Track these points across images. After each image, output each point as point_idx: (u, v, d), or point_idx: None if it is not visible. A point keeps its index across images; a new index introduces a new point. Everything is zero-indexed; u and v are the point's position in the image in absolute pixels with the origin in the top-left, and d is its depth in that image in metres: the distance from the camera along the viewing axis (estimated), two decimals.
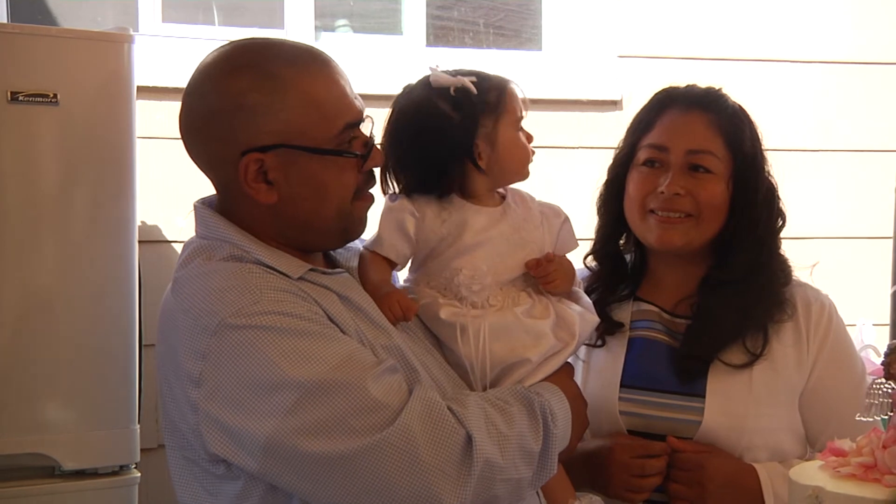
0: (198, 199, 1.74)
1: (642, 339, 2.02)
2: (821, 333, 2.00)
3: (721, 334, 1.95)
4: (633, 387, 1.99)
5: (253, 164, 1.61)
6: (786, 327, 1.98)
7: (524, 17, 3.62)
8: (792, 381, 1.97)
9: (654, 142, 1.98)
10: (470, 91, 1.78)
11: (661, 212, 1.96)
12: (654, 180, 1.96)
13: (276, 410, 1.50)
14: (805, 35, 3.64)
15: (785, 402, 1.97)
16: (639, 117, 2.05)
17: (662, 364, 1.99)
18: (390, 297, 1.72)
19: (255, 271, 1.60)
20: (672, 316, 2.03)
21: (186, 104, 1.67)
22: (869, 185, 3.59)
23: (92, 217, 2.40)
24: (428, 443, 1.53)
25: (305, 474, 1.52)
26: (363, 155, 1.67)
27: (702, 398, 1.94)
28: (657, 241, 1.98)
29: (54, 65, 2.34)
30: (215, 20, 3.31)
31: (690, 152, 1.96)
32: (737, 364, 1.94)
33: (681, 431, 1.95)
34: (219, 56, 1.66)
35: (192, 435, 1.58)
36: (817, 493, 1.53)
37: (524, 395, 1.69)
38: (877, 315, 3.31)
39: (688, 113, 1.99)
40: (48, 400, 2.37)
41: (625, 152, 2.05)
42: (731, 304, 1.96)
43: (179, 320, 1.59)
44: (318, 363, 1.52)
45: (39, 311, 2.36)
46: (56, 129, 2.36)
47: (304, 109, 1.61)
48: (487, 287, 1.77)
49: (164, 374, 1.64)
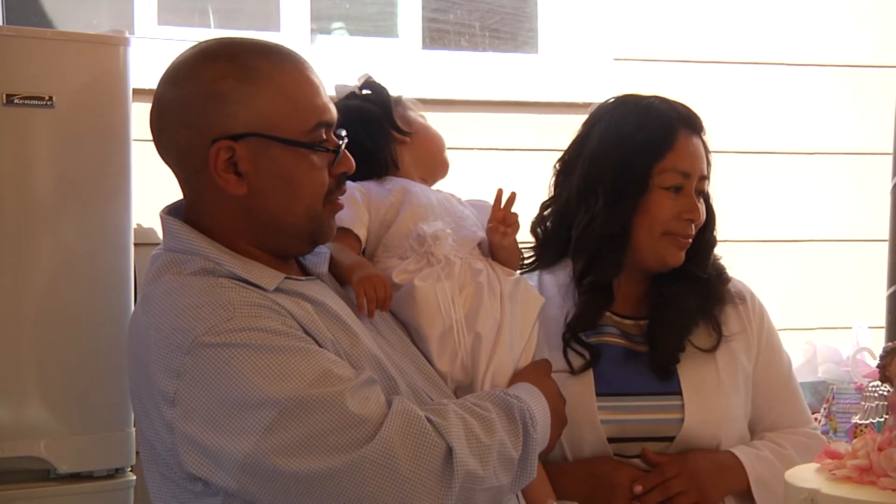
0: (163, 208, 1.72)
1: (602, 344, 2.04)
2: (757, 320, 2.11)
3: (690, 317, 2.03)
4: (607, 394, 2.00)
5: (224, 153, 1.59)
6: (730, 315, 2.08)
7: (520, 20, 3.62)
8: (745, 367, 2.06)
9: (681, 167, 2.00)
10: (374, 81, 1.98)
11: (684, 237, 2.02)
12: (677, 205, 2.00)
13: (253, 429, 1.48)
14: (801, 38, 3.64)
15: (743, 390, 2.05)
16: (647, 135, 2.00)
17: (629, 368, 2.02)
18: (368, 281, 1.71)
19: (227, 286, 1.58)
20: (625, 318, 2.07)
21: (159, 93, 1.66)
22: (864, 188, 3.60)
23: (87, 220, 2.39)
24: (408, 457, 1.52)
25: (285, 492, 1.51)
26: (334, 150, 1.65)
27: (678, 395, 1.99)
28: (673, 262, 2.03)
29: (50, 67, 2.34)
30: (211, 23, 3.30)
31: (701, 178, 2.04)
32: (706, 347, 2.02)
33: (661, 431, 1.99)
34: (195, 48, 1.67)
35: (167, 454, 1.56)
36: (813, 496, 1.54)
37: (503, 400, 1.68)
38: (872, 318, 3.31)
39: (694, 136, 2.04)
40: (42, 403, 2.36)
41: (640, 174, 1.99)
42: (692, 291, 2.05)
43: (151, 337, 1.56)
44: (294, 380, 1.50)
45: (34, 313, 2.35)
46: (52, 132, 2.35)
47: (278, 101, 1.60)
48: (448, 235, 1.79)
49: (136, 390, 1.62)
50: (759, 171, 3.55)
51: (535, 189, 1.95)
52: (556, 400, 1.80)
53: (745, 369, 2.06)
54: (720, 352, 2.04)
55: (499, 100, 3.33)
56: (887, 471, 1.55)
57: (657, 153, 1.99)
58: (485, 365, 1.78)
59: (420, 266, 1.78)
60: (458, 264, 1.80)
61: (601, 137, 2.04)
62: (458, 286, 1.79)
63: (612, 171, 2.00)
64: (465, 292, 1.80)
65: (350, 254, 1.79)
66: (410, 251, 1.80)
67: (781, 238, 3.59)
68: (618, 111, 2.06)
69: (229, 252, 1.63)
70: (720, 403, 1.99)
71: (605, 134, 2.04)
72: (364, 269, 1.74)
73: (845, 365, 3.23)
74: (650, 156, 1.99)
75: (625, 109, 2.06)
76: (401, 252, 1.81)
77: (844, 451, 1.65)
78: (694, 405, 1.98)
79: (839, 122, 3.67)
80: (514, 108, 3.36)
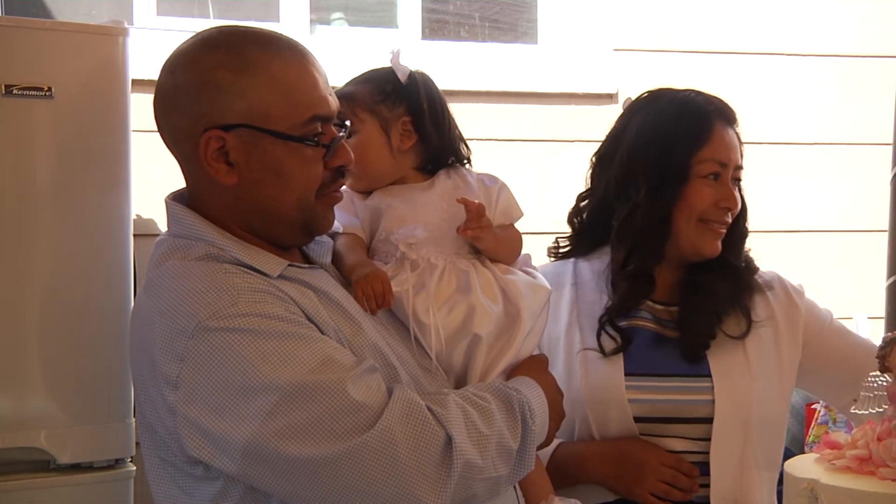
0: (168, 194, 1.72)
1: (633, 328, 2.08)
2: (786, 305, 2.14)
3: (721, 304, 2.07)
4: (636, 374, 2.04)
5: (214, 143, 1.59)
6: (758, 303, 2.12)
7: (520, 10, 3.62)
8: (780, 352, 2.09)
9: (717, 157, 2.04)
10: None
11: (719, 224, 2.06)
12: (715, 193, 2.04)
13: (255, 414, 1.49)
14: (801, 29, 3.64)
15: (776, 375, 2.08)
16: (686, 126, 2.05)
17: (659, 351, 2.06)
18: (368, 279, 1.71)
19: (231, 271, 1.58)
20: (657, 304, 2.11)
21: (160, 79, 1.66)
22: (864, 179, 3.60)
23: (87, 210, 2.39)
24: (408, 445, 1.52)
25: (286, 477, 1.51)
26: (326, 145, 1.65)
27: (707, 377, 2.03)
28: (710, 251, 2.06)
29: (49, 58, 2.33)
30: (210, 13, 3.30)
31: (737, 168, 2.08)
32: (736, 335, 2.06)
33: (690, 412, 2.02)
34: (197, 36, 1.66)
35: (169, 437, 1.57)
36: (812, 486, 1.54)
37: (502, 391, 1.68)
38: (872, 309, 3.31)
39: (729, 128, 2.08)
40: (43, 394, 2.36)
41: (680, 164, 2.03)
42: (724, 279, 2.09)
43: (155, 321, 1.57)
44: (297, 365, 1.51)
45: (33, 304, 2.36)
46: (50, 123, 2.35)
47: (272, 93, 1.60)
48: (422, 242, 1.77)
49: (139, 374, 1.62)
50: (759, 161, 3.53)
51: (533, 178, 1.96)
52: (554, 394, 1.80)
53: (777, 356, 2.09)
54: (749, 339, 2.07)
55: (498, 90, 3.33)
56: (886, 461, 1.55)
57: (696, 143, 2.03)
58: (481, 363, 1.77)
59: (396, 272, 1.77)
60: (440, 267, 1.79)
61: (639, 130, 2.08)
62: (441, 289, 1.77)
63: (652, 162, 2.04)
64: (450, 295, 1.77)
65: (354, 252, 1.78)
66: (389, 256, 1.80)
67: (781, 228, 3.59)
68: (654, 104, 2.10)
69: (233, 238, 1.64)
70: (749, 387, 2.03)
71: (643, 126, 2.08)
72: (363, 268, 1.74)
73: None
74: (690, 146, 2.03)
75: (661, 103, 2.10)
76: (382, 257, 1.81)
77: (844, 441, 1.65)
78: (724, 386, 2.01)
79: (839, 113, 3.67)
80: (514, 98, 3.36)
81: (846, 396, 2.09)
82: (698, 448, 2.02)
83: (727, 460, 2.01)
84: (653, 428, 2.03)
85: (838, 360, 2.13)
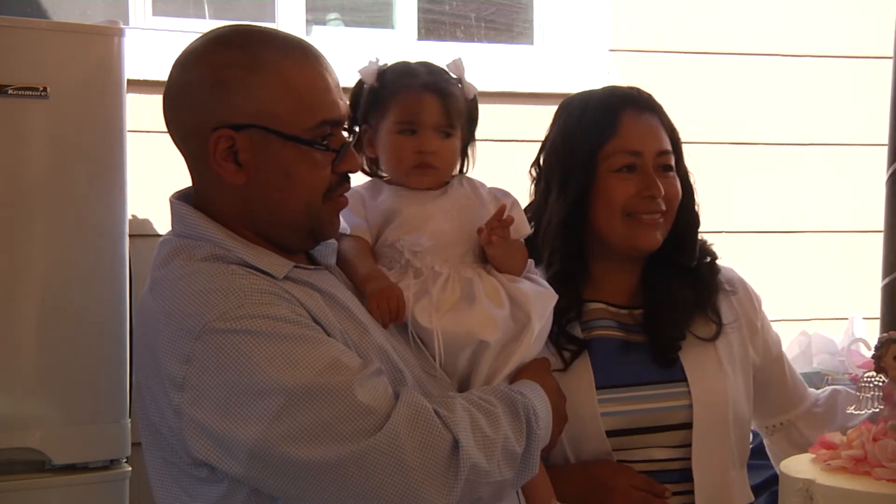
0: (173, 193, 1.71)
1: (598, 338, 2.03)
2: (750, 309, 2.12)
3: (687, 309, 2.04)
4: (607, 387, 1.98)
5: (224, 142, 1.59)
6: (722, 304, 2.09)
7: (516, 10, 3.62)
8: (741, 355, 2.07)
9: (628, 147, 1.99)
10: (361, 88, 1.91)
11: (647, 215, 1.99)
12: (633, 185, 1.98)
13: (262, 416, 1.48)
14: (796, 29, 3.65)
15: (742, 376, 2.06)
16: (588, 123, 2.02)
17: (628, 358, 2.01)
18: (384, 294, 1.72)
19: (238, 272, 1.57)
20: (619, 308, 2.06)
21: (171, 74, 1.65)
22: (859, 179, 3.60)
23: (82, 210, 2.39)
24: (415, 448, 1.52)
25: (292, 480, 1.51)
26: (336, 150, 1.64)
27: (682, 382, 1.99)
28: (645, 244, 2.01)
29: (44, 58, 2.33)
30: (206, 13, 3.30)
31: (660, 154, 2.01)
32: (706, 337, 2.03)
33: (668, 419, 1.98)
34: (211, 33, 1.65)
35: (173, 439, 1.56)
36: (808, 486, 1.54)
37: (508, 395, 1.68)
38: (867, 309, 3.32)
39: (643, 114, 2.03)
40: (38, 394, 2.36)
41: (584, 162, 2.00)
42: (685, 283, 2.05)
43: (160, 322, 1.56)
44: (304, 368, 1.50)
45: (29, 305, 2.36)
46: (46, 123, 2.35)
47: (283, 94, 1.60)
48: (428, 251, 1.78)
49: (143, 375, 1.61)
50: (755, 161, 3.55)
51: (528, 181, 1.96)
52: (557, 397, 1.80)
53: (742, 357, 2.07)
54: (719, 340, 2.05)
55: (494, 91, 3.32)
56: (882, 461, 1.55)
57: (600, 138, 2.00)
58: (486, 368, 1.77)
59: (399, 278, 1.78)
60: (444, 275, 1.79)
61: (552, 137, 2.09)
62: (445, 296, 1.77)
63: (559, 164, 2.04)
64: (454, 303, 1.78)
65: (365, 260, 1.78)
66: (394, 262, 1.80)
67: (777, 229, 3.59)
68: (567, 109, 2.10)
69: (239, 239, 1.63)
70: (724, 388, 2.01)
71: (554, 133, 2.09)
72: (378, 282, 1.74)
73: (840, 355, 3.24)
74: (592, 143, 2.00)
75: (572, 105, 2.09)
76: (386, 262, 1.81)
77: (839, 441, 1.66)
78: (700, 388, 1.98)
79: (834, 113, 3.67)
80: (510, 98, 3.36)
81: (772, 420, 2.18)
82: (678, 455, 1.98)
83: (709, 464, 1.98)
84: (632, 440, 1.98)
85: (777, 385, 2.15)
